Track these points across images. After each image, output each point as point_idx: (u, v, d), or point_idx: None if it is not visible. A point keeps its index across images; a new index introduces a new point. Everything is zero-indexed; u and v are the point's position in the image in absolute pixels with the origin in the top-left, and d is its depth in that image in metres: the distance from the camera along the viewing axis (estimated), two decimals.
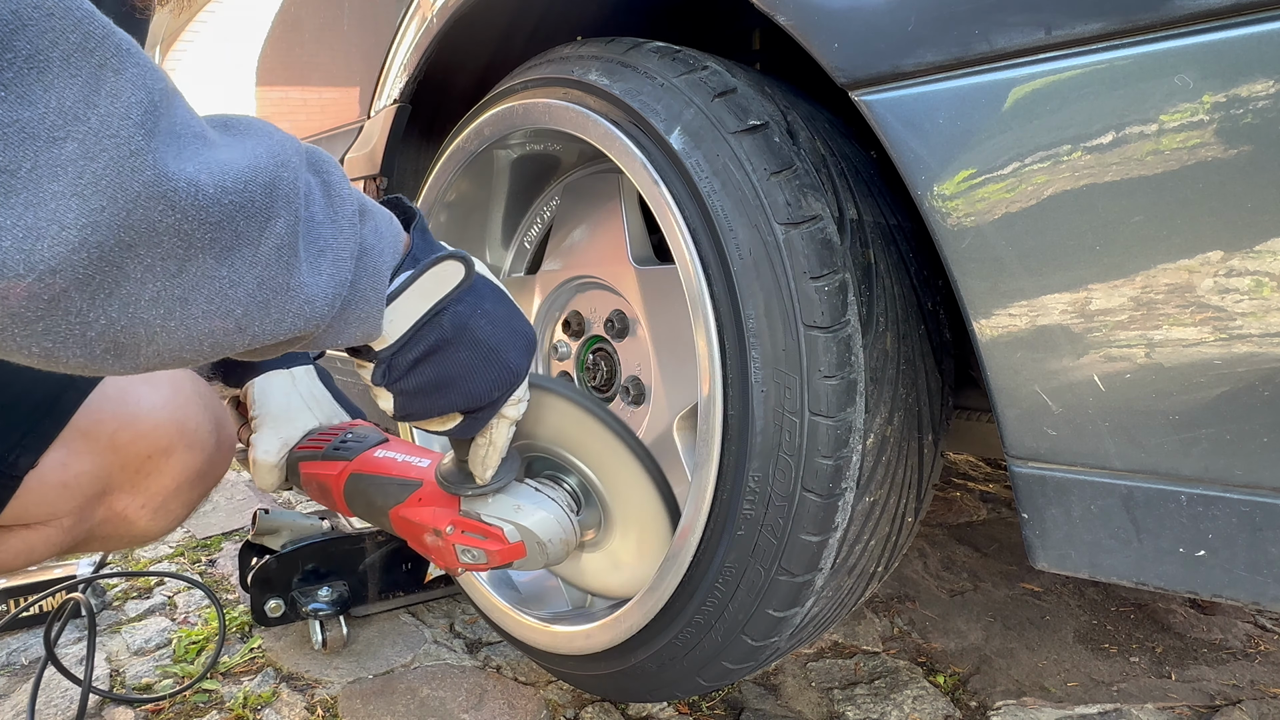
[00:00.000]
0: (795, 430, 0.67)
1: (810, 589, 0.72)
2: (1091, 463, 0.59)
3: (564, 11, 1.07)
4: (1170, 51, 0.49)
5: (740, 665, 0.77)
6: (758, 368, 0.69)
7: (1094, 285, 0.55)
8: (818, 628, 0.81)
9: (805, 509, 0.68)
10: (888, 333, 0.71)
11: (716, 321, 0.71)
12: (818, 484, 0.68)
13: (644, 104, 0.76)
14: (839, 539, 0.70)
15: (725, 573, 0.73)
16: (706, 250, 0.71)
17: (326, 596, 1.16)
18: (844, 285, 0.67)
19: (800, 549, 0.69)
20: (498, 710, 0.99)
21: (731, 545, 0.72)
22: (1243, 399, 0.52)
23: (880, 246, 0.72)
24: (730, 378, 0.71)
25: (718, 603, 0.74)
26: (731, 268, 0.70)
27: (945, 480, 1.86)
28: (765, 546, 0.70)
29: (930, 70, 0.58)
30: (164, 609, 1.29)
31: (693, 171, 0.72)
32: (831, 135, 0.77)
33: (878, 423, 0.70)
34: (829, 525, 0.69)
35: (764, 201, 0.68)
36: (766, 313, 0.68)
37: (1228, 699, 1.03)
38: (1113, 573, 0.60)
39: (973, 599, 1.29)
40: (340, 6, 1.30)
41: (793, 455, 0.68)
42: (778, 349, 0.68)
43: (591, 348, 1.02)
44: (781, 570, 0.70)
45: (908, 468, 0.74)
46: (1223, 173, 0.49)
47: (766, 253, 0.68)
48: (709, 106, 0.73)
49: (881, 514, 0.74)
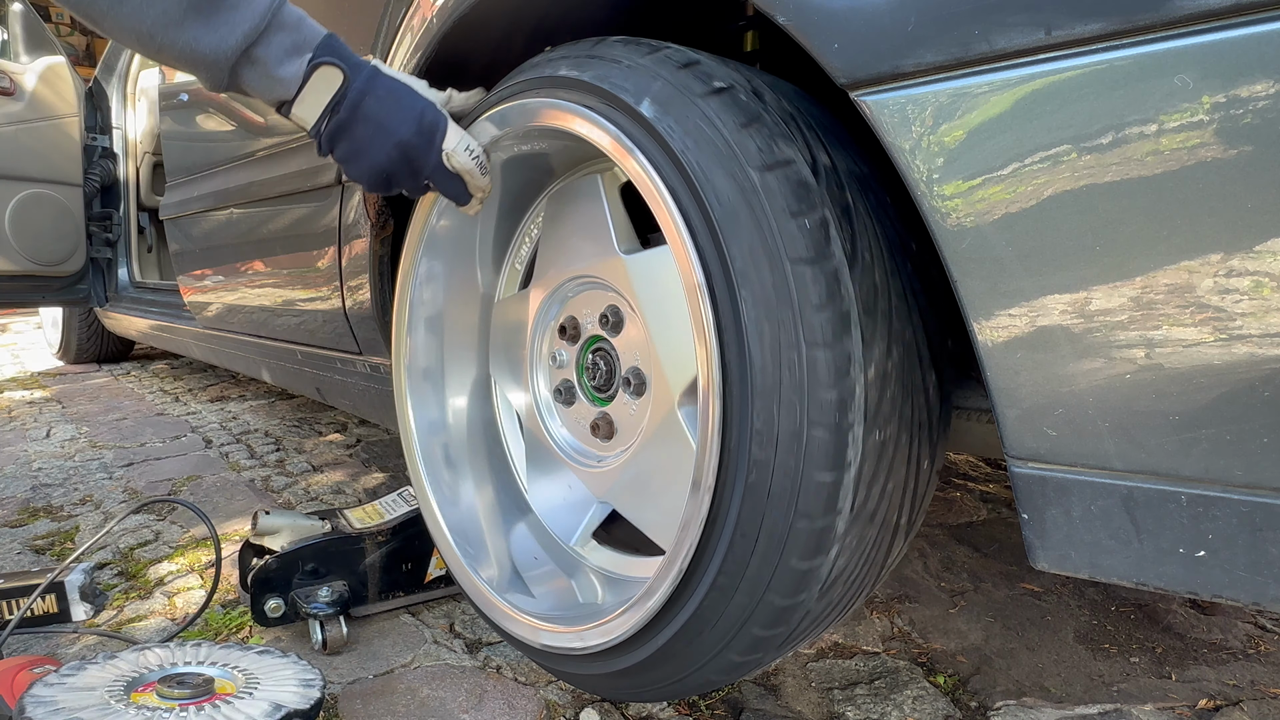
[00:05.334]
0: (794, 365, 0.67)
1: (832, 535, 0.70)
2: (1092, 463, 0.59)
3: (564, 13, 1.07)
4: (1170, 52, 0.49)
5: (770, 631, 0.75)
6: (749, 308, 0.69)
7: (1094, 286, 0.55)
8: (849, 589, 0.79)
9: (814, 445, 0.68)
10: (875, 267, 0.71)
11: (704, 270, 0.71)
12: (823, 417, 0.67)
13: (613, 84, 0.79)
14: (854, 478, 0.69)
15: (743, 523, 0.71)
16: (687, 204, 0.72)
17: (326, 597, 1.16)
18: (824, 221, 0.69)
19: (815, 489, 0.68)
20: (497, 710, 0.99)
21: (745, 493, 0.71)
22: (1243, 399, 0.52)
23: (857, 190, 0.73)
24: (724, 323, 0.71)
25: (739, 559, 0.72)
26: (712, 215, 0.70)
27: (945, 480, 1.86)
28: (780, 491, 0.69)
29: (930, 70, 0.58)
30: (164, 609, 1.29)
31: (665, 134, 0.74)
32: (799, 99, 0.80)
33: (876, 355, 0.69)
34: (841, 461, 0.68)
35: (736, 151, 0.70)
36: (751, 253, 0.69)
37: (1228, 699, 1.03)
38: (1113, 573, 0.60)
39: (973, 599, 1.29)
40: (341, 6, 1.30)
41: (795, 391, 0.67)
42: (766, 287, 0.68)
43: (590, 349, 1.02)
44: (799, 515, 0.69)
45: (914, 406, 0.74)
46: (1223, 173, 0.49)
47: (745, 197, 0.69)
48: (675, 76, 0.76)
49: (895, 454, 0.73)
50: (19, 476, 2.02)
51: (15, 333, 5.21)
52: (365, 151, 0.87)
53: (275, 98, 0.85)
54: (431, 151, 0.88)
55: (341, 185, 1.34)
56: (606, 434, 0.98)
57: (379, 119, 0.86)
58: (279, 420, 2.59)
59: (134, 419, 2.66)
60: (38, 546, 1.56)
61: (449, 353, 1.16)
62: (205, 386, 3.22)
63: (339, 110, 0.85)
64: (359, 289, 1.32)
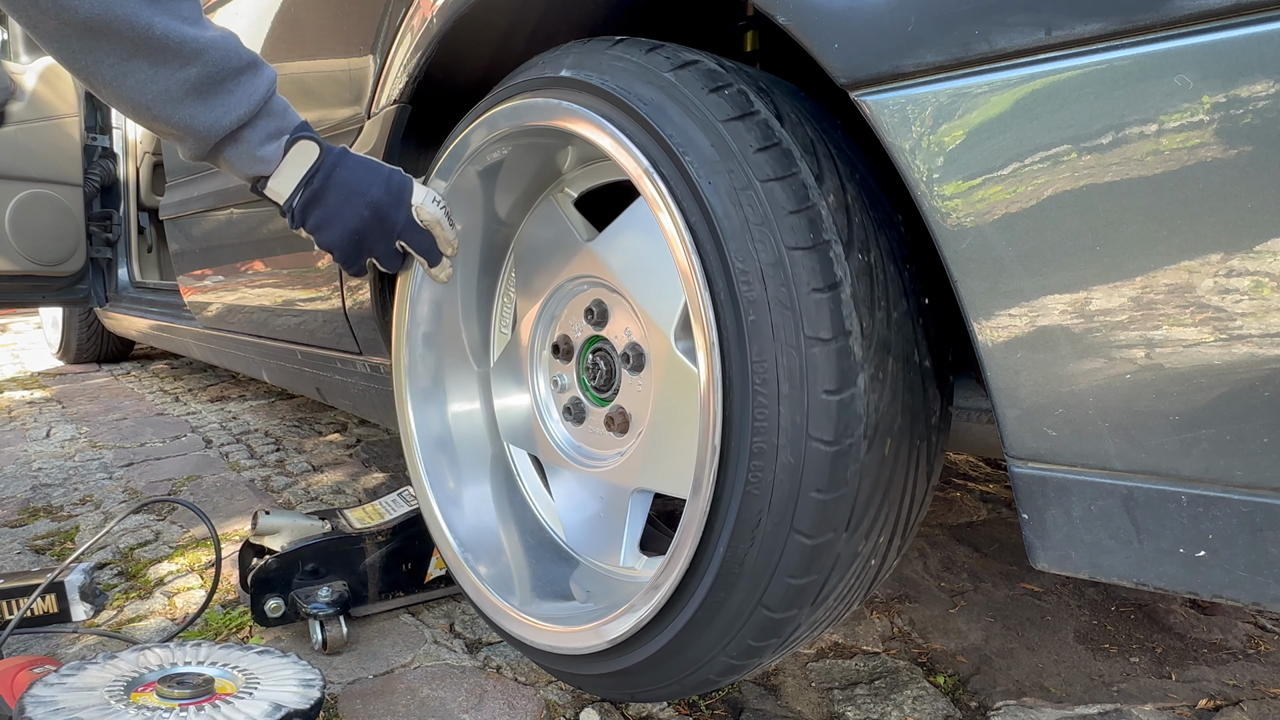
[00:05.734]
0: (782, 269, 0.69)
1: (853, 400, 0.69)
2: (1092, 463, 0.59)
3: (563, 12, 1.07)
4: (1170, 52, 0.49)
5: (821, 498, 0.72)
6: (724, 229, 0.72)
7: (1094, 285, 0.55)
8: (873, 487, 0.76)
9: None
10: (845, 189, 0.73)
11: (681, 213, 0.74)
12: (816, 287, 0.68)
13: (587, 75, 0.83)
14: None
15: (759, 433, 0.71)
16: (660, 160, 0.76)
17: (326, 597, 1.16)
18: (789, 153, 0.71)
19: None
20: (497, 710, 0.99)
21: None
22: (1243, 399, 0.52)
23: (818, 135, 0.76)
24: (704, 247, 0.73)
25: (764, 458, 0.71)
26: (688, 168, 0.73)
27: (945, 480, 1.86)
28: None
29: (930, 70, 0.58)
30: (164, 609, 1.29)
31: (635, 107, 0.78)
32: (771, 79, 0.82)
33: (856, 254, 0.70)
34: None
35: (706, 109, 0.74)
36: (730, 195, 0.71)
37: (1228, 699, 1.03)
38: (1113, 573, 0.60)
39: (973, 599, 1.29)
40: (341, 6, 1.30)
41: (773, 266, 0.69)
42: (742, 215, 0.71)
43: (590, 349, 1.02)
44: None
45: (900, 310, 0.74)
46: (1223, 173, 0.49)
47: (715, 148, 0.72)
48: (643, 59, 0.80)
49: (890, 355, 0.72)
50: (19, 476, 2.02)
51: (15, 333, 5.21)
52: (338, 215, 0.92)
53: (254, 173, 0.91)
54: (401, 208, 0.94)
55: None
56: (622, 426, 0.99)
57: (351, 184, 0.92)
58: (279, 420, 2.59)
59: (134, 419, 2.66)
60: (38, 546, 1.56)
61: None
62: (205, 386, 3.22)
63: (314, 181, 0.91)
64: (359, 289, 1.32)
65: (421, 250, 0.97)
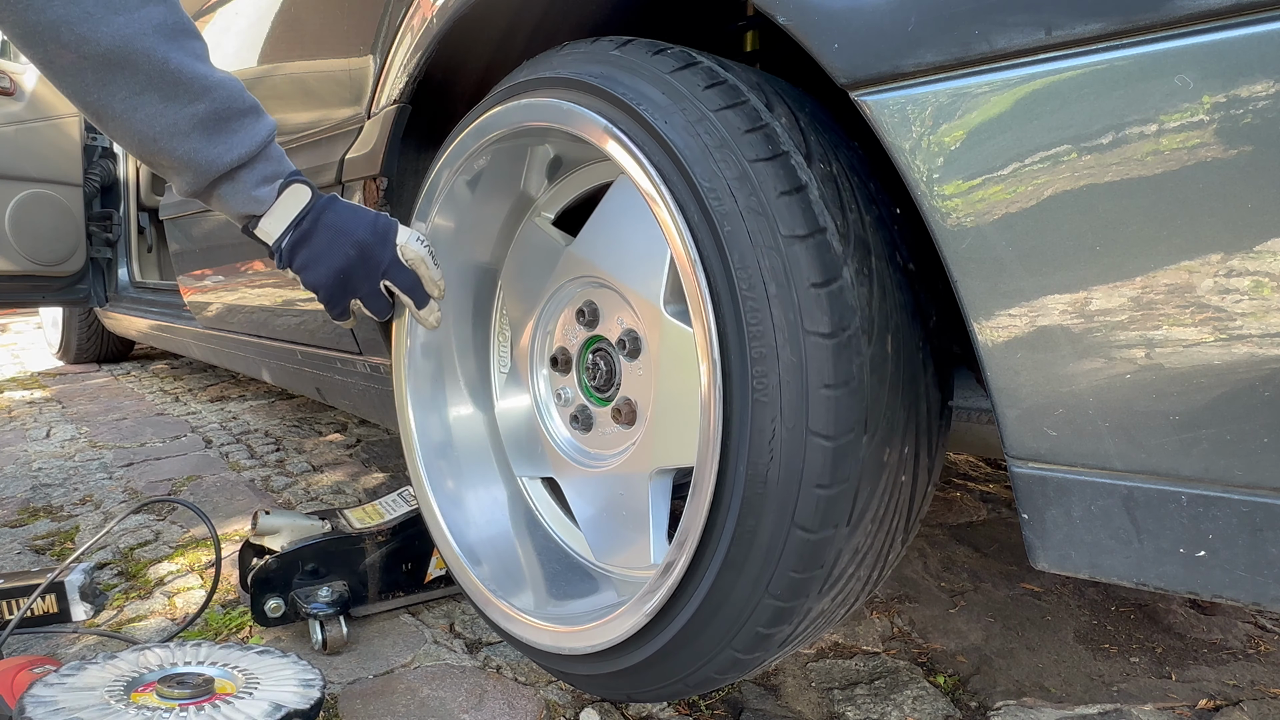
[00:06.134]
0: (765, 227, 0.70)
1: (851, 373, 0.69)
2: (1092, 463, 0.59)
3: (563, 12, 1.07)
4: (1170, 52, 0.49)
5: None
6: (714, 200, 0.73)
7: (1094, 286, 0.55)
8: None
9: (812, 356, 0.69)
10: (830, 164, 0.73)
11: (669, 189, 0.75)
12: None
13: (576, 72, 0.86)
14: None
15: (759, 375, 0.71)
16: (644, 142, 0.78)
17: (326, 597, 1.16)
18: (772, 133, 0.72)
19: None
20: (497, 710, 0.99)
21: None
22: (1243, 399, 0.52)
23: (807, 116, 0.77)
24: (694, 222, 0.74)
25: (767, 404, 0.71)
26: (674, 147, 0.75)
27: (945, 480, 1.86)
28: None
29: (930, 71, 0.58)
30: (164, 609, 1.29)
31: (623, 98, 0.80)
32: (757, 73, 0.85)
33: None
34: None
35: (694, 97, 0.76)
36: (724, 179, 0.72)
37: (1228, 699, 1.03)
38: (1113, 573, 0.60)
39: (973, 599, 1.29)
40: (341, 6, 1.30)
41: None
42: (730, 181, 0.72)
43: (589, 349, 1.02)
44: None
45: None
46: (1223, 173, 0.49)
47: (693, 127, 0.74)
48: (624, 50, 0.83)
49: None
50: (19, 476, 2.02)
51: (15, 333, 5.21)
52: (325, 254, 0.95)
53: (246, 212, 0.94)
54: (387, 247, 0.97)
55: (341, 185, 1.34)
56: (629, 416, 0.98)
57: (338, 225, 0.95)
58: (279, 420, 2.59)
59: (134, 419, 2.66)
60: (38, 546, 1.56)
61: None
62: (205, 386, 3.22)
63: (303, 222, 0.94)
64: None
65: (406, 289, 0.99)
